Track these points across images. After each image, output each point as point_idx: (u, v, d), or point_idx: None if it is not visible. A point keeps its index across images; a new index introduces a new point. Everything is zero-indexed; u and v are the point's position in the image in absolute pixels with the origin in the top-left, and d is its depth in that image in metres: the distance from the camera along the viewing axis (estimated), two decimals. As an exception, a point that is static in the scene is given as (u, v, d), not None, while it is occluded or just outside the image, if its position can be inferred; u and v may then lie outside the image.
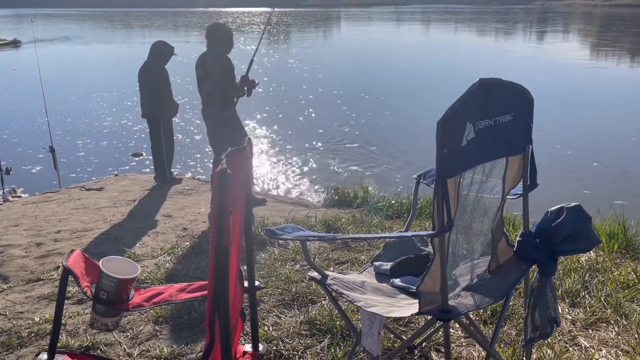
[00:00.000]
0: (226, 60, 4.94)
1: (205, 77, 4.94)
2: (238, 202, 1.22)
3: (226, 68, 4.92)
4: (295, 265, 3.40)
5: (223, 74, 4.90)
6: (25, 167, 8.56)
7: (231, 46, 5.05)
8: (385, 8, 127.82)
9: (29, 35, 31.25)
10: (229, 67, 4.94)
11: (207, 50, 4.98)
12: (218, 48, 4.95)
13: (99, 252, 4.09)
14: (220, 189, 0.97)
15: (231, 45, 5.05)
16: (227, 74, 4.93)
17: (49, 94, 8.01)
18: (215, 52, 4.94)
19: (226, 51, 5.00)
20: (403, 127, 10.91)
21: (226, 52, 5.00)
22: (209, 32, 5.00)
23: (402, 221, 4.50)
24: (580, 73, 18.55)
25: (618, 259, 3.48)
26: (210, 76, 4.90)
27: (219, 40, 4.96)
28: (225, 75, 4.91)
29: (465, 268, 1.90)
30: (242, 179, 1.25)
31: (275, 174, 8.38)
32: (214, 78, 4.89)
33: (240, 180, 1.22)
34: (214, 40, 4.96)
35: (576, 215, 1.76)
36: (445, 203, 1.53)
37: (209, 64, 4.90)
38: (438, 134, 1.49)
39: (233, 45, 5.08)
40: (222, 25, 5.15)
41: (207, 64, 4.90)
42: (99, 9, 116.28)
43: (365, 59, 23.33)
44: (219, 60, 4.91)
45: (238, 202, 1.22)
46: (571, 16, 69.78)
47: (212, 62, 4.89)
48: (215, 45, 4.95)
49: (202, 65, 4.94)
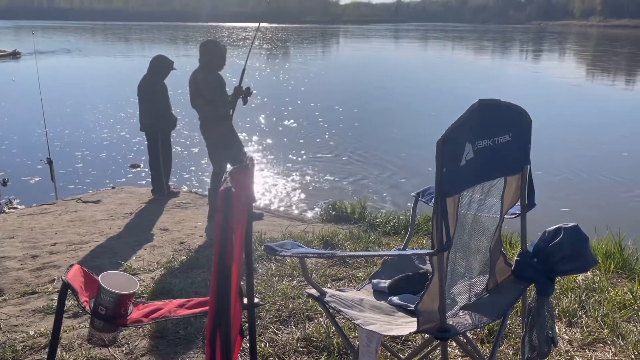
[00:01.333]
0: (217, 76, 4.91)
1: (196, 94, 4.93)
2: (240, 219, 1.23)
3: (217, 84, 4.89)
4: (293, 281, 3.40)
5: (214, 91, 4.87)
6: (23, 178, 8.54)
7: (223, 63, 5.02)
8: (382, 25, 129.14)
9: (29, 47, 31.36)
10: (220, 83, 4.91)
11: (199, 67, 4.96)
12: (210, 65, 4.93)
13: (95, 265, 4.07)
14: (224, 208, 0.98)
15: (223, 62, 5.02)
16: (218, 90, 4.90)
17: (48, 105, 8.02)
18: (206, 69, 4.92)
19: (218, 68, 4.97)
20: (401, 143, 10.95)
21: (218, 68, 4.97)
22: (202, 49, 4.98)
23: (399, 237, 4.50)
24: (576, 92, 18.72)
25: (614, 278, 3.49)
26: (201, 93, 4.89)
27: (211, 57, 4.93)
28: (216, 91, 4.88)
29: (464, 287, 1.90)
30: (244, 196, 1.27)
31: (272, 189, 8.39)
32: (205, 95, 4.87)
33: (242, 198, 1.24)
34: (206, 57, 4.94)
35: (574, 235, 1.78)
36: (444, 222, 1.54)
37: (200, 80, 4.87)
38: (437, 153, 1.51)
39: (225, 62, 5.05)
40: (214, 42, 5.13)
41: (198, 81, 4.88)
42: (99, 22, 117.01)
43: (363, 76, 23.51)
44: (210, 76, 4.88)
45: (240, 219, 1.23)
46: (567, 36, 70.58)
47: (203, 79, 4.87)
48: (207, 62, 4.93)
49: (194, 81, 4.92)
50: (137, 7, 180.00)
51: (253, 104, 13.79)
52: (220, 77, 4.97)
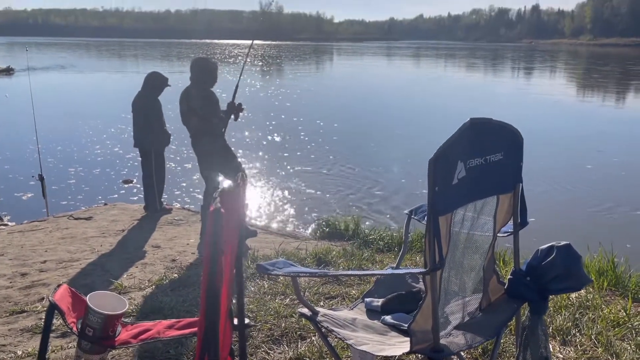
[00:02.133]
0: (209, 93, 4.87)
1: (190, 112, 4.88)
2: (230, 238, 1.22)
3: (210, 102, 4.84)
4: (285, 299, 3.36)
5: (208, 108, 4.83)
6: (16, 194, 8.48)
7: (215, 80, 4.98)
8: (375, 43, 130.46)
9: (22, 63, 31.37)
10: (212, 100, 4.87)
11: (190, 84, 4.92)
12: (201, 82, 4.89)
13: (85, 283, 4.02)
14: (214, 229, 0.97)
15: (215, 79, 4.98)
16: (211, 107, 4.86)
17: (41, 121, 8.00)
18: (198, 86, 4.88)
19: (210, 85, 4.93)
20: (395, 159, 10.98)
21: (210, 86, 4.93)
22: (193, 66, 4.94)
23: (393, 254, 4.48)
24: (567, 110, 18.90)
25: (608, 296, 3.48)
26: (195, 111, 4.84)
27: (202, 74, 4.89)
28: (210, 108, 4.84)
29: (457, 306, 1.89)
30: (235, 215, 1.25)
31: (265, 205, 8.36)
32: (198, 112, 4.83)
33: (233, 216, 1.22)
34: (198, 74, 4.90)
35: (566, 254, 1.77)
36: (437, 241, 1.54)
37: (193, 98, 4.83)
38: (430, 172, 1.51)
39: (217, 79, 5.01)
40: (206, 59, 5.10)
41: (191, 99, 4.84)
42: (93, 39, 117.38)
43: (356, 92, 23.65)
44: (203, 93, 4.85)
45: (230, 238, 1.22)
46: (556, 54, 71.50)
47: (196, 96, 4.83)
48: (199, 79, 4.89)
49: (186, 99, 4.87)
50: (131, 24, 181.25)
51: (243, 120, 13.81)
52: (213, 93, 4.94)
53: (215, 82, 5.01)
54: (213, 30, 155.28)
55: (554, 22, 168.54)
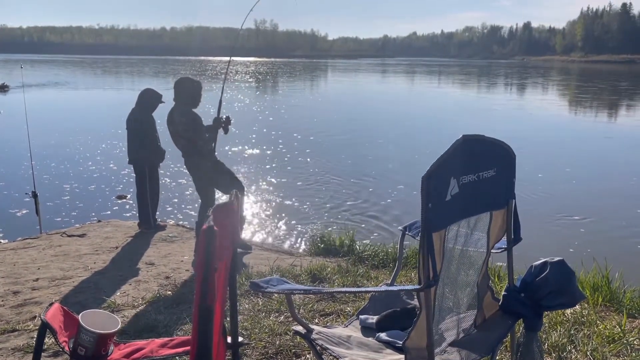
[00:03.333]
0: (192, 116, 4.86)
1: (177, 135, 4.90)
2: (224, 254, 1.21)
3: (193, 124, 4.85)
4: (280, 316, 3.34)
5: (191, 132, 4.84)
6: (9, 211, 8.42)
7: (198, 100, 4.98)
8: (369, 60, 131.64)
9: (17, 80, 31.38)
10: (196, 122, 4.87)
11: (174, 106, 4.93)
12: (183, 104, 4.90)
13: (78, 301, 3.98)
14: (206, 247, 0.97)
15: (198, 100, 4.98)
16: (195, 130, 4.85)
17: (36, 137, 7.99)
18: (181, 108, 4.88)
19: (193, 106, 4.94)
20: (389, 175, 11.00)
21: (193, 106, 4.94)
22: (176, 87, 4.94)
23: (387, 271, 4.47)
24: (560, 126, 19.06)
25: (603, 311, 3.48)
26: (180, 133, 4.85)
27: (184, 96, 4.90)
28: (193, 132, 4.84)
29: (452, 322, 1.88)
30: (228, 231, 1.25)
31: (259, 222, 8.34)
32: (183, 135, 4.84)
33: (226, 233, 1.22)
34: (181, 95, 4.91)
35: (560, 270, 1.78)
36: (431, 257, 1.54)
37: (177, 122, 4.84)
38: (423, 189, 1.52)
39: (200, 99, 5.01)
40: (188, 80, 5.08)
41: (175, 123, 4.85)
42: (88, 56, 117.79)
43: (349, 109, 23.76)
44: (185, 116, 4.84)
45: (224, 254, 1.21)
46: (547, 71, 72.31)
47: (179, 120, 4.84)
48: (182, 101, 4.90)
49: (172, 122, 4.89)
50: (127, 41, 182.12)
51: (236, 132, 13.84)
52: (196, 115, 4.91)
53: (198, 103, 5.01)
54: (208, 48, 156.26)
55: (546, 39, 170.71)
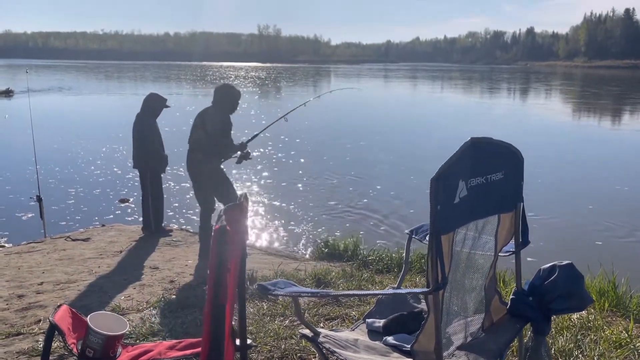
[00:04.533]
0: (225, 118, 5.07)
1: (199, 126, 5.04)
2: (234, 257, 1.21)
3: (223, 124, 5.05)
4: (285, 320, 3.34)
5: (219, 128, 5.00)
6: (13, 215, 8.44)
7: (235, 108, 5.19)
8: (372, 65, 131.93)
9: (22, 85, 31.53)
10: (225, 125, 5.07)
11: (211, 105, 5.13)
12: (221, 107, 5.08)
13: (83, 304, 3.98)
14: (219, 246, 0.97)
15: (235, 107, 5.19)
16: (223, 129, 5.05)
17: (40, 142, 8.01)
18: (216, 109, 5.07)
19: (229, 111, 5.14)
20: (393, 179, 10.99)
21: (229, 112, 5.14)
22: (217, 91, 5.16)
23: (392, 275, 4.46)
24: (567, 130, 19.03)
25: (609, 317, 3.46)
26: (205, 126, 4.98)
27: (223, 101, 5.10)
28: (221, 130, 5.02)
29: (459, 326, 1.88)
30: (239, 234, 1.25)
31: (263, 226, 8.34)
32: (208, 128, 4.98)
33: (237, 236, 1.22)
34: (220, 99, 5.11)
35: (568, 273, 1.77)
36: (440, 260, 1.53)
37: (209, 114, 5.03)
38: (431, 191, 1.51)
39: (237, 107, 5.22)
40: (230, 87, 5.30)
41: (206, 115, 5.03)
42: (93, 61, 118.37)
43: (353, 114, 23.77)
44: (219, 116, 5.04)
45: (234, 257, 1.21)
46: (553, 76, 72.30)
47: (212, 116, 5.02)
48: (220, 103, 5.09)
49: (201, 115, 5.06)
50: (131, 47, 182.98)
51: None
52: (229, 119, 5.12)
53: (234, 111, 5.22)
54: (211, 53, 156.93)
55: (549, 45, 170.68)
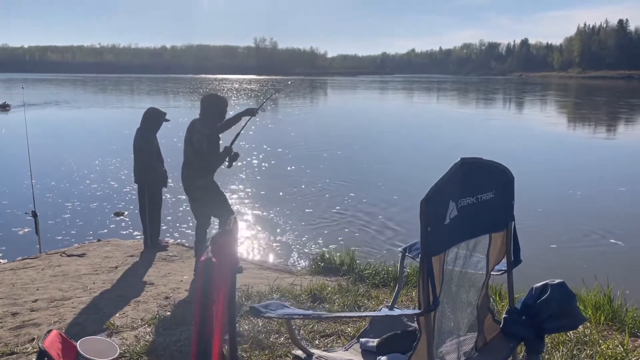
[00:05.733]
0: (211, 132, 4.97)
1: (187, 142, 5.02)
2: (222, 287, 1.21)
3: (211, 137, 4.95)
4: (280, 338, 3.32)
5: (206, 143, 4.93)
6: (10, 230, 8.40)
7: (222, 117, 5.10)
8: (369, 77, 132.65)
9: (19, 100, 31.57)
10: (213, 137, 4.97)
11: (198, 117, 5.05)
12: (208, 117, 5.00)
13: (77, 322, 3.95)
14: (205, 278, 0.97)
15: (222, 117, 5.10)
16: (210, 143, 4.95)
17: (37, 156, 8.01)
18: (203, 122, 4.99)
19: (217, 121, 5.04)
20: (390, 193, 10.99)
21: (217, 122, 5.04)
22: (203, 101, 5.10)
23: (389, 290, 4.45)
24: (558, 141, 19.10)
25: (605, 330, 3.45)
26: (192, 142, 4.95)
27: (208, 112, 5.01)
28: (209, 144, 4.94)
29: (452, 345, 1.87)
30: (227, 260, 1.25)
31: (259, 240, 8.31)
32: (194, 144, 4.93)
33: (225, 261, 1.22)
34: (205, 109, 5.03)
35: (560, 292, 1.77)
36: (431, 281, 1.54)
37: (196, 130, 4.96)
38: (422, 213, 1.52)
39: (224, 117, 5.13)
40: (215, 97, 5.22)
41: (193, 129, 4.97)
42: (90, 75, 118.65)
43: (349, 127, 23.84)
44: (206, 129, 4.95)
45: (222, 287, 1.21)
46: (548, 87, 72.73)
47: (199, 130, 4.95)
48: (206, 114, 5.01)
49: (190, 129, 5.02)
50: (128, 60, 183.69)
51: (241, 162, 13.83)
52: (216, 130, 5.03)
53: (222, 119, 5.13)
54: (208, 66, 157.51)
55: (543, 56, 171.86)
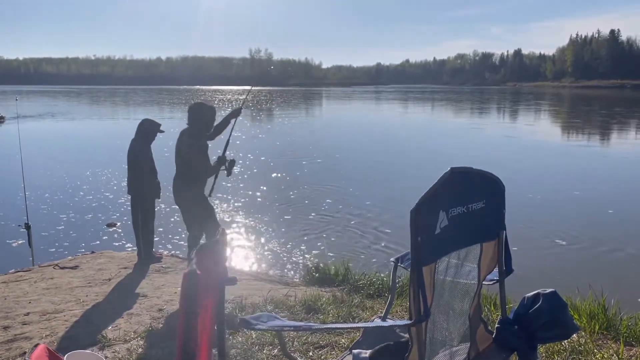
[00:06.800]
0: (198, 142, 4.93)
1: (177, 154, 5.00)
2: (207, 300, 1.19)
3: (199, 148, 4.90)
4: (273, 349, 3.29)
5: (194, 154, 4.89)
6: (3, 242, 8.36)
7: (209, 127, 5.06)
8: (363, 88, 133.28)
9: (13, 111, 31.51)
10: (202, 147, 4.93)
11: (186, 128, 5.02)
12: (194, 129, 4.97)
13: (69, 335, 3.92)
14: (188, 291, 0.96)
15: (210, 126, 5.06)
16: (199, 154, 4.91)
17: (30, 168, 7.99)
18: (191, 132, 4.96)
19: (204, 131, 5.01)
20: (384, 202, 11.00)
21: (204, 131, 5.01)
22: (190, 111, 5.04)
23: (383, 300, 4.43)
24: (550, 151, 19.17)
25: (600, 340, 3.45)
26: (181, 154, 4.93)
27: (195, 121, 4.97)
28: (197, 155, 4.90)
29: (444, 356, 1.86)
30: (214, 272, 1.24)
31: (253, 251, 8.29)
32: (182, 156, 4.92)
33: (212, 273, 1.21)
34: (192, 119, 4.98)
35: (552, 301, 1.77)
36: (422, 292, 1.53)
37: (184, 141, 4.93)
38: (412, 223, 1.51)
39: (212, 126, 5.09)
40: (201, 106, 5.13)
41: (181, 140, 4.95)
42: (85, 86, 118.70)
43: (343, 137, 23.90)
44: (193, 140, 4.91)
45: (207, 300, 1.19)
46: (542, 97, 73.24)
47: (187, 141, 4.91)
48: (193, 124, 4.98)
49: (179, 141, 5.00)
50: (123, 71, 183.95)
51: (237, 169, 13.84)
52: (202, 142, 4.99)
53: (210, 129, 5.10)
54: (203, 77, 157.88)
55: (536, 66, 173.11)
